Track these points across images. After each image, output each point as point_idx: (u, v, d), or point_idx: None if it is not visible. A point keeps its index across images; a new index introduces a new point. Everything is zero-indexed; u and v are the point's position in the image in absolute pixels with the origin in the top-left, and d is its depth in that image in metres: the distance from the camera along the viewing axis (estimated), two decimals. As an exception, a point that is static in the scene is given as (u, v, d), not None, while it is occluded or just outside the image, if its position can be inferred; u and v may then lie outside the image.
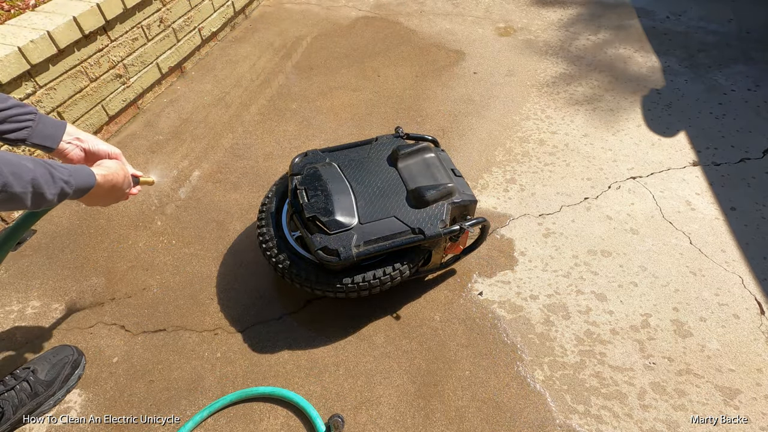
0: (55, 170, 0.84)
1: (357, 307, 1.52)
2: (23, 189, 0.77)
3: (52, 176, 0.83)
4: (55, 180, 0.83)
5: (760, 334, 1.44)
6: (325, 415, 1.27)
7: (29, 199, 0.80)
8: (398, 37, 2.92)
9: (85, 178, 0.92)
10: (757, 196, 1.86)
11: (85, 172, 0.92)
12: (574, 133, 2.19)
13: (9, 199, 0.77)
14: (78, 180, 0.89)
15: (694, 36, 2.86)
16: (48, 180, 0.82)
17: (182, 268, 1.65)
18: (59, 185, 0.84)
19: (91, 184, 0.93)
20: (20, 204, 0.79)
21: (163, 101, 2.42)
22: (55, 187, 0.83)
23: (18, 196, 0.77)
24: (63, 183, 0.85)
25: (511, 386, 1.33)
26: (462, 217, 1.49)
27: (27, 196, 0.79)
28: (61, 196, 0.85)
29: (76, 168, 0.90)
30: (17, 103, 0.95)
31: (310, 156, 1.58)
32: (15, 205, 0.79)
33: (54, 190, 0.83)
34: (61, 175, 0.85)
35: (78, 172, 0.90)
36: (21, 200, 0.79)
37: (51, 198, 0.83)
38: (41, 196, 0.81)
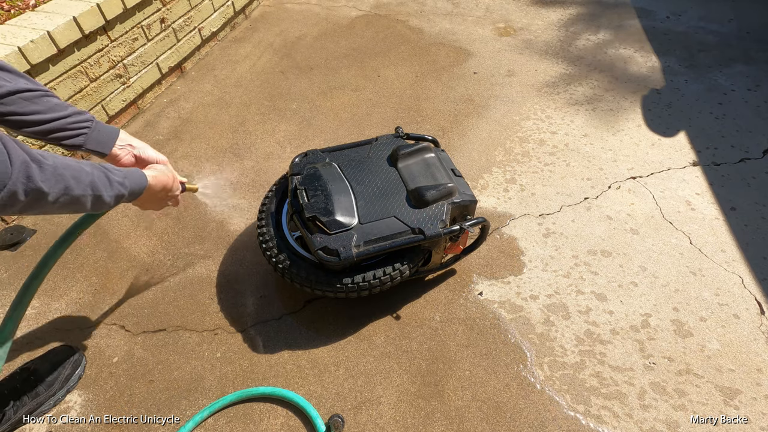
0: (110, 173, 0.89)
1: (357, 307, 1.52)
2: (83, 192, 0.82)
3: (109, 179, 0.88)
4: (111, 182, 0.88)
5: (760, 334, 1.44)
6: (325, 415, 1.27)
7: (89, 202, 0.84)
8: (398, 37, 2.92)
9: (138, 180, 0.97)
10: (757, 196, 1.86)
11: (138, 174, 0.99)
12: (574, 133, 2.19)
13: (70, 202, 0.81)
14: (132, 182, 0.95)
15: (694, 36, 2.86)
16: (105, 182, 0.87)
17: (182, 268, 1.65)
18: (116, 187, 0.90)
19: (143, 185, 0.99)
20: (80, 207, 0.84)
21: (163, 101, 2.42)
22: (112, 189, 0.89)
23: (78, 199, 0.82)
24: (119, 185, 0.90)
25: (511, 386, 1.34)
26: (462, 217, 1.49)
27: (87, 199, 0.84)
28: (117, 198, 0.91)
29: (129, 170, 0.96)
30: (76, 111, 1.01)
31: (310, 156, 1.58)
32: (76, 208, 0.84)
33: (111, 192, 0.89)
34: (116, 178, 0.90)
35: (131, 174, 0.96)
36: (81, 203, 0.83)
37: (108, 200, 0.88)
38: (99, 198, 0.86)
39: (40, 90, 0.95)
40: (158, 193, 1.06)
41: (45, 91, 0.97)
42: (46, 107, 0.96)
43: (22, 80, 0.94)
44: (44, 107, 0.95)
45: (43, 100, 0.96)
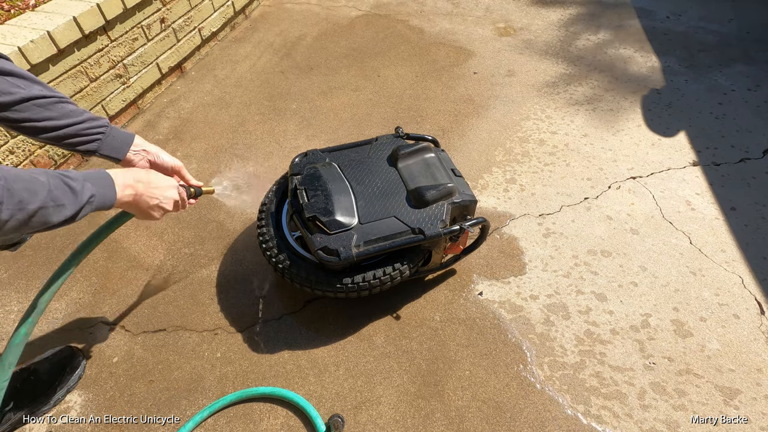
0: (69, 179, 0.82)
1: (357, 307, 1.52)
2: (41, 204, 0.75)
3: (69, 186, 0.81)
4: (73, 191, 0.81)
5: (760, 334, 1.44)
6: (325, 415, 1.27)
7: (51, 215, 0.78)
8: (398, 37, 2.92)
9: (102, 182, 0.89)
10: (757, 196, 1.86)
11: (101, 176, 0.90)
12: (574, 133, 2.19)
13: (28, 218, 0.74)
14: (97, 185, 0.87)
15: (694, 36, 2.86)
16: (65, 190, 0.80)
17: (182, 268, 1.65)
18: (79, 196, 0.82)
19: (112, 198, 0.91)
20: (41, 223, 0.77)
21: (163, 101, 2.42)
22: (75, 197, 0.81)
23: (36, 213, 0.75)
24: (80, 191, 0.83)
25: (511, 386, 1.34)
26: (462, 217, 1.49)
27: (48, 212, 0.77)
28: (83, 207, 0.83)
29: (90, 173, 0.88)
30: (91, 117, 1.01)
31: (310, 156, 1.57)
32: (37, 225, 0.77)
33: (75, 201, 0.81)
34: (75, 184, 0.82)
35: (93, 177, 0.87)
36: (41, 218, 0.76)
37: (72, 211, 0.81)
38: (61, 208, 0.79)
39: (54, 96, 0.95)
40: (139, 205, 0.98)
41: (60, 97, 0.97)
42: (61, 113, 0.96)
43: (37, 87, 0.93)
44: (58, 113, 0.96)
45: (58, 106, 0.96)
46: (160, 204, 1.03)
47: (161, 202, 1.03)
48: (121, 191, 0.93)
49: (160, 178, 1.04)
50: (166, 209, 1.06)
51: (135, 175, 0.98)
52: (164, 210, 1.06)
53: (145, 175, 1.00)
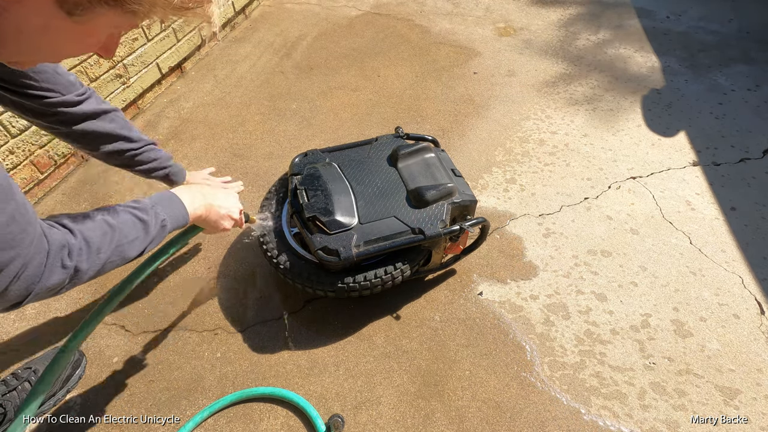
0: (140, 212, 0.83)
1: (357, 307, 1.52)
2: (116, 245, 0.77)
3: (140, 220, 0.82)
4: (144, 223, 0.83)
5: (760, 334, 1.44)
6: (325, 415, 1.27)
7: (130, 252, 0.80)
8: (398, 36, 2.92)
9: (175, 207, 0.92)
10: (757, 196, 1.86)
11: (169, 199, 0.92)
12: (574, 133, 2.19)
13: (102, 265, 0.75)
14: (168, 211, 0.89)
15: (694, 36, 2.86)
16: (135, 225, 0.82)
17: (183, 268, 1.65)
18: (153, 225, 0.84)
19: (184, 215, 0.94)
20: (121, 261, 0.79)
21: (163, 101, 2.42)
22: (147, 232, 0.83)
23: (110, 257, 0.76)
24: (155, 219, 0.85)
25: (511, 386, 1.34)
26: (462, 217, 1.49)
27: (121, 249, 0.78)
28: (161, 232, 0.86)
29: (160, 198, 0.90)
30: (164, 155, 1.33)
31: (310, 156, 1.58)
32: (113, 266, 0.78)
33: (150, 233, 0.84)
34: (147, 217, 0.84)
35: (163, 201, 0.90)
36: (116, 257, 0.78)
37: (151, 240, 0.84)
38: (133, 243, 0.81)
39: (143, 145, 1.25)
40: (209, 218, 1.02)
41: (147, 142, 1.26)
42: (148, 158, 1.27)
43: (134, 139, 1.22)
44: (146, 159, 1.27)
45: (146, 155, 1.26)
46: (229, 213, 1.07)
47: (229, 210, 1.07)
48: (191, 206, 0.95)
49: (219, 189, 1.08)
50: (234, 218, 1.09)
51: (201, 190, 1.01)
52: (233, 219, 1.09)
53: (209, 189, 1.04)
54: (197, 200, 0.97)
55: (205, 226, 1.05)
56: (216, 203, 1.02)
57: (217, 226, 1.06)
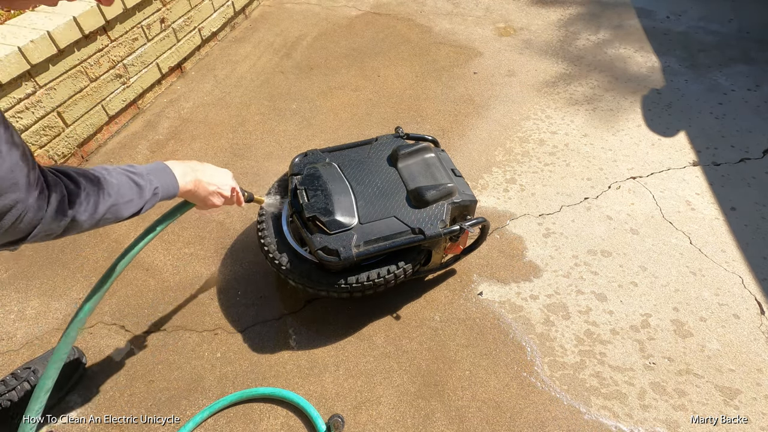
0: (137, 176, 0.87)
1: (357, 307, 1.52)
2: (112, 203, 0.81)
3: (137, 184, 0.86)
4: (140, 188, 0.86)
5: (760, 334, 1.44)
6: (325, 415, 1.27)
7: (123, 211, 0.83)
8: (398, 36, 2.92)
9: (166, 180, 0.94)
10: (757, 196, 1.86)
11: (162, 170, 0.94)
12: (574, 133, 2.19)
13: (101, 221, 0.80)
14: (160, 180, 0.92)
15: (694, 36, 2.86)
16: (133, 189, 0.85)
17: (182, 268, 1.65)
18: (146, 191, 0.88)
19: (174, 187, 0.96)
20: (113, 221, 0.83)
21: (163, 101, 2.42)
22: (141, 195, 0.87)
23: (107, 211, 0.80)
24: (149, 186, 0.88)
25: (511, 386, 1.33)
26: (462, 217, 1.49)
27: (120, 209, 0.82)
28: (151, 200, 0.89)
29: (153, 168, 0.93)
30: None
31: (310, 156, 1.58)
32: (108, 222, 0.82)
33: (143, 197, 0.87)
34: (142, 181, 0.87)
35: (156, 172, 0.92)
36: (115, 215, 0.82)
37: (141, 205, 0.87)
38: (130, 203, 0.84)
39: None
40: (198, 192, 1.02)
41: None
42: None
43: None
44: None
45: None
46: (219, 189, 1.06)
47: (219, 187, 1.06)
48: (182, 179, 0.97)
49: (215, 167, 1.08)
50: (224, 195, 1.08)
51: (191, 165, 1.02)
52: (223, 196, 1.08)
53: (201, 165, 1.04)
54: (188, 174, 0.99)
55: (194, 200, 1.05)
56: (205, 179, 1.03)
57: (206, 202, 1.06)
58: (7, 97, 1.66)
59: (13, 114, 1.70)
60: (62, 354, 0.98)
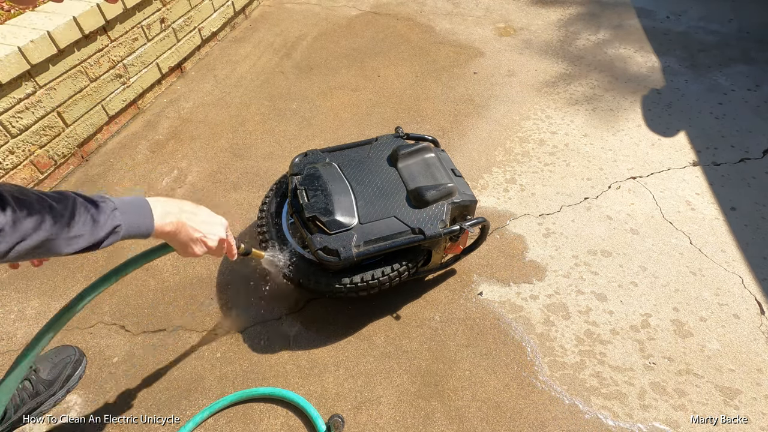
0: (95, 210, 0.75)
1: (357, 307, 1.52)
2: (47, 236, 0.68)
3: (92, 217, 0.75)
4: (95, 221, 0.75)
5: (760, 334, 1.44)
6: (325, 415, 1.27)
7: (59, 246, 0.71)
8: (398, 36, 2.92)
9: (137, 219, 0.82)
10: (757, 196, 1.86)
11: (138, 206, 0.82)
12: (574, 133, 2.19)
13: (31, 249, 0.68)
14: (127, 219, 0.80)
15: (694, 36, 2.86)
16: (85, 221, 0.74)
17: (182, 268, 1.65)
18: (100, 228, 0.76)
19: (149, 227, 0.84)
20: (49, 252, 0.71)
21: (163, 101, 2.42)
22: (94, 227, 0.75)
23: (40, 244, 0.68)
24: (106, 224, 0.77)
25: (511, 386, 1.33)
26: (462, 217, 1.49)
27: (56, 243, 0.70)
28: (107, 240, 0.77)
29: (127, 202, 0.81)
30: None
31: (310, 156, 1.57)
32: (43, 253, 0.71)
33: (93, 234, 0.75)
34: (100, 216, 0.76)
35: (128, 207, 0.81)
36: (48, 248, 0.70)
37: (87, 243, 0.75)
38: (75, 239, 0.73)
39: None
40: (178, 237, 0.89)
41: None
42: None
43: None
44: None
45: None
46: (204, 238, 0.92)
47: (205, 236, 0.93)
48: (162, 219, 0.85)
49: (209, 212, 0.96)
50: (209, 246, 0.95)
51: (182, 206, 0.90)
52: (207, 247, 0.95)
53: (193, 206, 0.93)
54: (171, 215, 0.87)
55: (173, 245, 0.92)
56: (191, 224, 0.90)
57: (186, 249, 0.92)
58: (7, 97, 1.66)
59: (13, 114, 1.70)
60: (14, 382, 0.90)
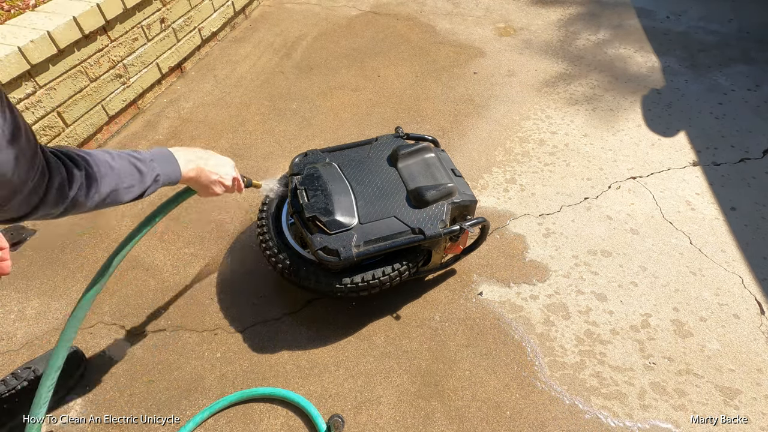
0: (141, 162, 0.89)
1: (357, 307, 1.52)
2: (114, 187, 0.82)
3: (140, 171, 0.88)
4: (142, 174, 0.88)
5: (760, 334, 1.44)
6: (325, 416, 1.27)
7: (125, 196, 0.85)
8: (398, 36, 2.92)
9: (169, 169, 0.95)
10: (757, 196, 1.86)
11: (166, 157, 0.96)
12: (574, 133, 2.19)
13: (105, 203, 0.82)
14: (163, 169, 0.94)
15: (694, 36, 2.86)
16: (136, 177, 0.87)
17: (182, 268, 1.65)
18: (147, 178, 0.89)
19: (177, 174, 0.97)
20: (116, 203, 0.85)
21: (163, 101, 2.42)
22: (143, 181, 0.89)
23: (115, 197, 0.83)
24: (151, 175, 0.90)
25: (511, 386, 1.33)
26: (462, 217, 1.49)
27: (122, 194, 0.85)
28: (153, 187, 0.91)
29: (157, 154, 0.95)
30: None
31: (310, 156, 1.57)
32: (111, 204, 0.85)
33: (144, 184, 0.89)
34: (145, 168, 0.89)
35: (160, 157, 0.94)
36: (118, 199, 0.84)
37: (141, 191, 0.88)
38: (130, 189, 0.86)
39: None
40: (200, 180, 1.04)
41: None
42: None
43: None
44: None
45: None
46: (221, 179, 1.08)
47: (221, 177, 1.08)
48: (185, 166, 0.98)
49: (218, 156, 1.09)
50: (226, 184, 1.10)
51: (196, 152, 1.04)
52: (224, 186, 1.10)
53: (205, 152, 1.06)
54: (192, 162, 1.01)
55: (196, 188, 1.07)
56: (208, 168, 1.04)
57: (208, 190, 1.08)
58: (7, 97, 1.66)
59: (13, 114, 1.70)
60: (64, 348, 1.00)
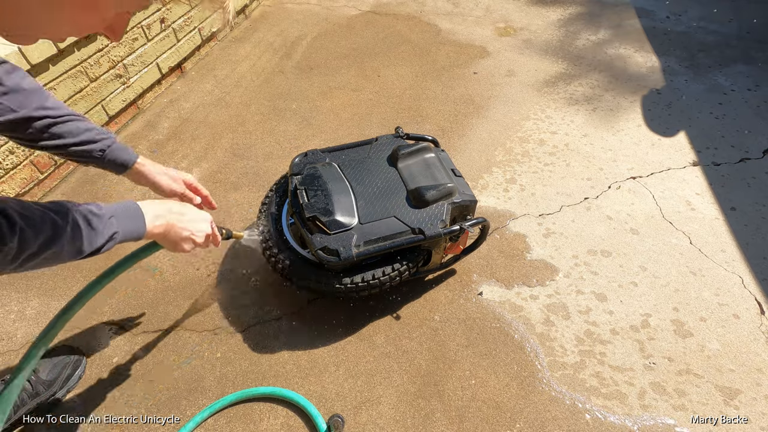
0: (94, 218, 0.79)
1: (357, 307, 1.52)
2: (56, 249, 0.73)
3: (92, 227, 0.78)
4: (94, 230, 0.79)
5: (760, 334, 1.44)
6: (325, 415, 1.27)
7: (62, 256, 0.75)
8: (398, 36, 2.92)
9: (132, 225, 0.87)
10: (757, 196, 1.86)
11: (131, 210, 0.88)
12: (574, 133, 2.19)
13: (39, 260, 0.72)
14: (123, 225, 0.85)
15: (694, 36, 2.86)
16: (87, 232, 0.77)
17: (182, 268, 1.65)
18: (100, 237, 0.80)
19: (141, 231, 0.89)
20: (54, 260, 0.75)
21: (163, 101, 2.42)
22: (95, 239, 0.79)
23: (47, 253, 0.72)
24: (106, 233, 0.81)
25: (511, 386, 1.34)
26: (462, 217, 1.49)
27: (59, 254, 0.74)
28: (105, 247, 0.82)
29: (120, 208, 0.86)
30: (95, 127, 1.04)
31: (310, 156, 1.58)
32: (47, 263, 0.75)
33: (95, 243, 0.79)
34: (99, 225, 0.80)
35: (121, 212, 0.85)
36: (53, 257, 0.74)
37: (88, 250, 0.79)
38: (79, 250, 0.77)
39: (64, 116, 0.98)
40: (168, 237, 0.96)
41: (70, 112, 1.01)
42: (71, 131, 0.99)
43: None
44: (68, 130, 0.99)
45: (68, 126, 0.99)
46: (192, 236, 1.00)
47: (193, 234, 1.00)
48: (152, 222, 0.91)
49: (194, 210, 1.02)
50: (197, 243, 1.03)
51: (168, 206, 0.96)
52: (195, 243, 1.03)
53: (179, 206, 0.99)
54: (161, 217, 0.93)
55: (163, 243, 1.00)
56: (179, 224, 0.97)
57: (176, 247, 1.00)
58: (7, 97, 1.66)
59: None
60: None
